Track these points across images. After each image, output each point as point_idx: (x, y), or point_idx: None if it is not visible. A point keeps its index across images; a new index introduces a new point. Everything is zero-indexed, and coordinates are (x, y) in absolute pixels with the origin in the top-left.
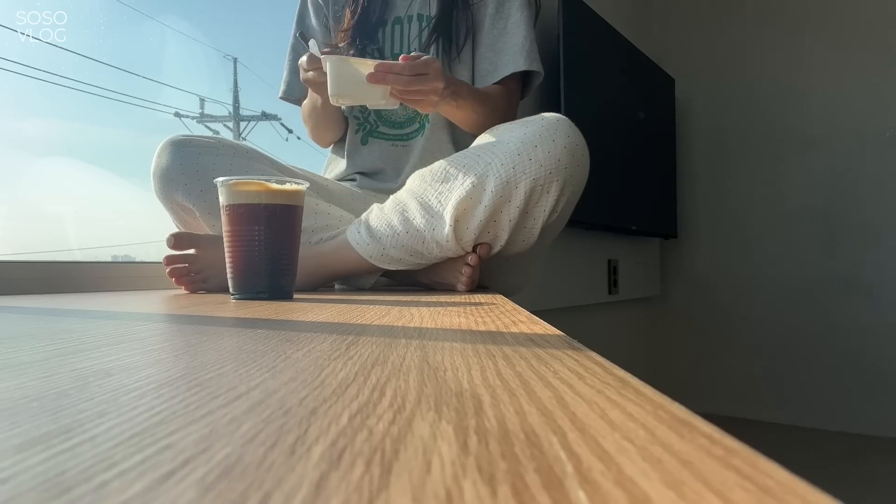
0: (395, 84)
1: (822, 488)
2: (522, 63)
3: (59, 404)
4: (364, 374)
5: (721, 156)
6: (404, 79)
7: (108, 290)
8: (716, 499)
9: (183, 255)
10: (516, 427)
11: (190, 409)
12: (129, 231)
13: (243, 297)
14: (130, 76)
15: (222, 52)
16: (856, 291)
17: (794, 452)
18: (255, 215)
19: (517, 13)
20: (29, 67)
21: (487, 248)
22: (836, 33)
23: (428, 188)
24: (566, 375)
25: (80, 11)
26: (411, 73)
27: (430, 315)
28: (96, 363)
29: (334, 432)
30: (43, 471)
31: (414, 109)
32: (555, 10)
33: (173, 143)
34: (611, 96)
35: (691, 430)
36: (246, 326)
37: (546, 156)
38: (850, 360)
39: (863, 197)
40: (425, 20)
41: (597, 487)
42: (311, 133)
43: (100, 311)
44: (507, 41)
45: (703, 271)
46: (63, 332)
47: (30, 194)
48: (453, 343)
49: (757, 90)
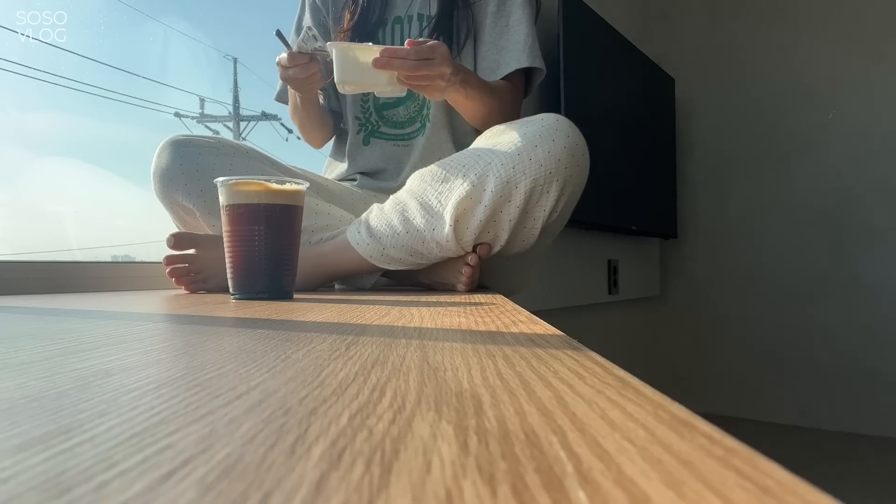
0: (400, 69)
1: (822, 488)
2: (525, 60)
3: (59, 404)
4: (364, 374)
5: (721, 156)
6: (410, 63)
7: (108, 290)
8: (716, 499)
9: (183, 255)
10: (516, 427)
11: (190, 409)
12: (129, 231)
13: (243, 297)
14: (131, 76)
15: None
16: (856, 291)
17: (794, 452)
18: (255, 215)
19: (519, 11)
20: (29, 67)
21: (487, 247)
22: (836, 33)
23: (428, 188)
24: (566, 375)
25: (80, 11)
26: (417, 57)
27: (430, 315)
28: (96, 363)
29: (334, 432)
30: (43, 471)
31: (416, 109)
32: (555, 10)
33: (173, 143)
34: (611, 96)
35: (691, 430)
36: (246, 326)
37: (546, 156)
38: (850, 360)
39: (863, 197)
40: (426, 20)
41: (597, 487)
42: (300, 133)
43: (100, 311)
44: (509, 38)
45: (703, 271)
46: (63, 332)
47: (30, 194)
48: (453, 343)
49: (757, 90)
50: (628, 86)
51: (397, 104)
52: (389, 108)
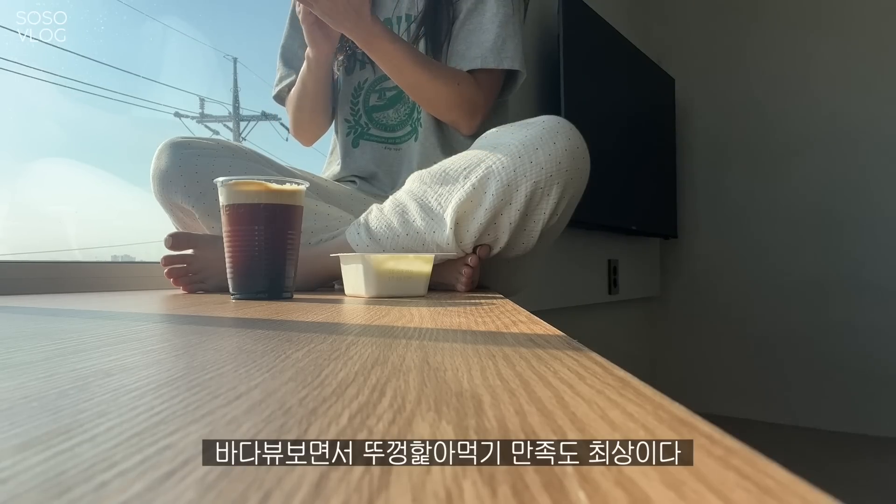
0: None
1: (822, 488)
2: (492, 61)
3: (59, 404)
4: (364, 374)
5: (721, 155)
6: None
7: (108, 290)
8: (716, 499)
9: (181, 256)
10: (516, 427)
11: (190, 409)
12: (129, 231)
13: (243, 297)
14: (130, 76)
15: (222, 52)
16: (856, 291)
17: (794, 452)
18: (254, 215)
19: (493, 9)
20: (29, 67)
21: (487, 249)
22: (836, 33)
23: (428, 190)
24: (566, 375)
25: (80, 11)
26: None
27: (430, 315)
28: (96, 363)
29: (334, 432)
30: (43, 471)
31: (406, 112)
32: (555, 10)
33: (172, 145)
34: (611, 96)
35: (691, 430)
36: (245, 326)
37: (546, 158)
38: (850, 360)
39: (863, 196)
40: (413, 20)
41: (597, 487)
42: (294, 122)
43: (100, 311)
44: (479, 37)
45: (703, 271)
46: (63, 332)
47: (30, 194)
48: (453, 343)
49: (757, 90)
50: (628, 86)
51: (387, 107)
52: (379, 111)
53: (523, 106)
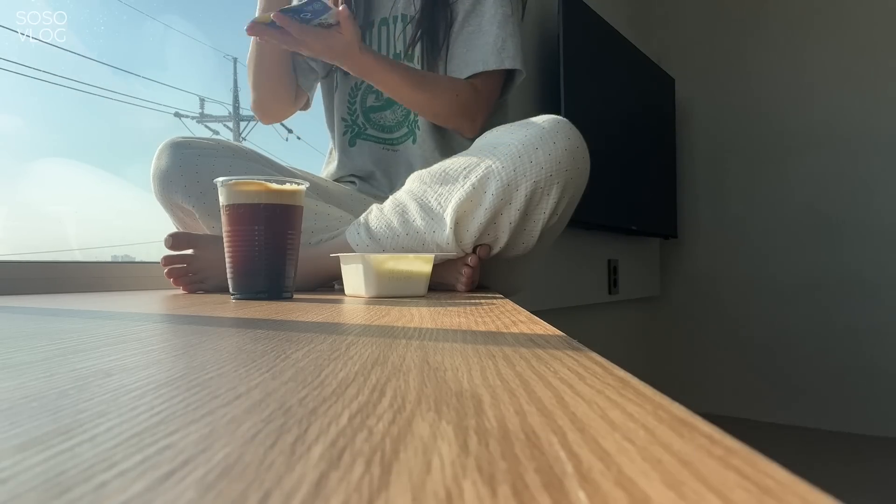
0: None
1: (822, 488)
2: (493, 62)
3: (59, 404)
4: (364, 374)
5: (721, 156)
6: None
7: (108, 290)
8: (716, 499)
9: (181, 256)
10: (516, 427)
11: (190, 409)
12: (129, 231)
13: (243, 297)
14: (130, 76)
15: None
16: (856, 291)
17: (794, 452)
18: (254, 215)
19: (491, 10)
20: (29, 67)
21: (487, 248)
22: (836, 33)
23: (427, 189)
24: (566, 375)
25: (80, 11)
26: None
27: (430, 315)
28: (96, 363)
29: (334, 432)
30: (43, 471)
31: (403, 114)
32: (555, 10)
33: (172, 145)
34: (611, 96)
35: (691, 430)
36: (245, 326)
37: (546, 158)
38: (850, 360)
39: (863, 197)
40: (410, 20)
41: (597, 487)
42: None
43: (100, 311)
44: (479, 39)
45: (703, 271)
46: (63, 332)
47: (30, 194)
48: (453, 343)
49: (757, 90)
50: (628, 86)
51: (385, 108)
52: (376, 112)
53: (523, 106)
